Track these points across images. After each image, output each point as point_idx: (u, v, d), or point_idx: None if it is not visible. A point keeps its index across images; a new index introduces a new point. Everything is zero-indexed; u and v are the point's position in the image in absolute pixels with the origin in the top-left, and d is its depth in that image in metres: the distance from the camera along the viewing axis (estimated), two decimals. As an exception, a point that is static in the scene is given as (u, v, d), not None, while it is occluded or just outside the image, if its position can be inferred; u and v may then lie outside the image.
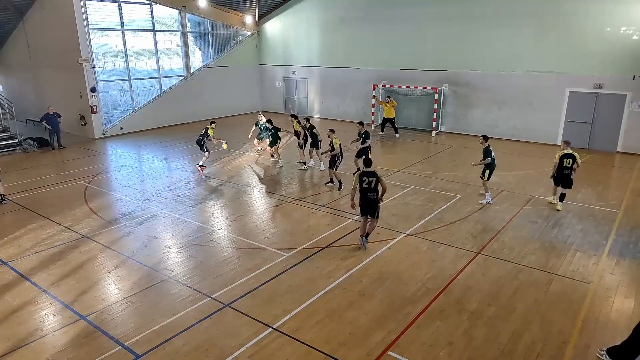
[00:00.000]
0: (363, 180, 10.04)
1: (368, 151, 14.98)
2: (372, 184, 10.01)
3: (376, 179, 10.01)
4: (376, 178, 10.00)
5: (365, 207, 10.21)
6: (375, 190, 10.06)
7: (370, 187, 10.03)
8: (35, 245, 10.85)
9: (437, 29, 22.82)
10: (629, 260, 9.91)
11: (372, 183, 10.01)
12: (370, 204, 10.14)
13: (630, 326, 6.80)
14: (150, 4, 24.31)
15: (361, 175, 10.10)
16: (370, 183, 10.01)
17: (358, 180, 10.08)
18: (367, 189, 10.05)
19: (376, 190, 10.07)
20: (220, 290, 8.72)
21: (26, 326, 7.73)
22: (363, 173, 10.11)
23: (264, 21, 29.88)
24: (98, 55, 23.54)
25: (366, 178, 10.03)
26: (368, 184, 10.02)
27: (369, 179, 10.02)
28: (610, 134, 19.30)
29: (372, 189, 10.04)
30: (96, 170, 17.17)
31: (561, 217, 12.29)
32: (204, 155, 16.58)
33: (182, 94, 26.43)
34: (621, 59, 18.55)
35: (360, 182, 10.06)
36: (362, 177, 10.06)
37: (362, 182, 10.05)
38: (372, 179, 10.00)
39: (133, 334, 7.42)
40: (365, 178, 10.03)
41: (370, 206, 10.16)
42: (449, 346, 7.08)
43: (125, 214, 12.80)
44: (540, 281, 9.01)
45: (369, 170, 10.11)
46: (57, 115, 20.53)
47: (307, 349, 7.04)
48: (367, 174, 10.06)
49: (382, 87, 24.85)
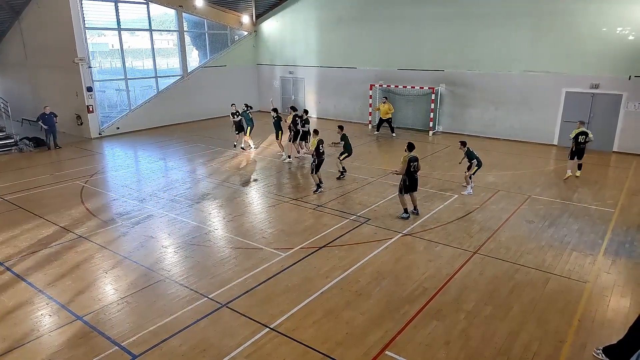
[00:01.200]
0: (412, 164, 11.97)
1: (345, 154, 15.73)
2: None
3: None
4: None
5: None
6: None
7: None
8: (31, 245, 10.81)
9: (434, 28, 22.85)
10: (625, 260, 9.94)
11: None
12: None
13: (626, 325, 6.82)
14: (146, 4, 24.27)
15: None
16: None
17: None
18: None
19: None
20: (217, 290, 8.71)
21: (22, 327, 7.71)
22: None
23: (261, 21, 29.85)
24: (94, 54, 23.49)
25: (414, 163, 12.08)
26: (413, 167, 12.03)
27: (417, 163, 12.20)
28: (607, 133, 19.35)
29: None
30: (92, 170, 17.13)
31: (557, 216, 12.32)
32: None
33: (179, 93, 26.39)
34: (617, 59, 18.61)
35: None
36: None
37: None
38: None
39: (130, 334, 7.41)
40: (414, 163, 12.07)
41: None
42: (446, 346, 7.09)
43: (122, 214, 12.78)
44: (537, 280, 9.03)
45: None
46: (54, 115, 20.46)
47: (304, 348, 7.04)
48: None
49: (379, 87, 24.87)
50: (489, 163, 17.58)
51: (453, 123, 23.42)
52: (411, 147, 12.15)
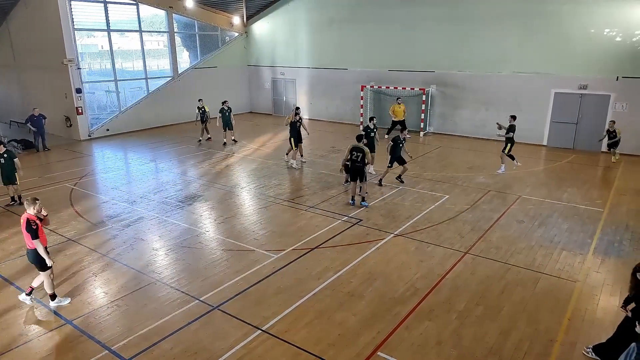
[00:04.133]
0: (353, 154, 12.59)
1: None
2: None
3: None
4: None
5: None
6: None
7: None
8: (19, 248, 10.70)
9: (425, 30, 22.91)
10: (614, 259, 10.02)
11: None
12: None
13: (615, 323, 6.87)
14: (136, 5, 24.13)
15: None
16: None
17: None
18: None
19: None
20: (208, 293, 8.67)
21: (10, 331, 7.64)
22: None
23: (251, 22, 29.80)
24: (84, 56, 23.33)
25: (355, 152, 12.55)
26: (356, 157, 12.56)
27: (357, 153, 12.55)
28: (595, 134, 19.48)
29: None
30: (82, 173, 17.01)
31: (547, 216, 12.40)
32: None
33: (170, 95, 26.27)
34: (605, 60, 18.77)
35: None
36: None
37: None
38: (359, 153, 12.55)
39: (120, 338, 7.35)
40: (355, 152, 12.55)
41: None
42: (437, 346, 7.11)
43: (112, 216, 12.70)
44: (527, 280, 9.08)
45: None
46: (42, 117, 20.30)
47: (296, 350, 7.03)
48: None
49: (370, 88, 24.90)
50: (479, 164, 17.69)
51: (444, 124, 23.52)
52: (358, 138, 13.09)
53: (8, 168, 13.14)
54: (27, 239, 7.96)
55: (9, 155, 13.18)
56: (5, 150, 13.24)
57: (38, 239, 7.92)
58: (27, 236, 7.90)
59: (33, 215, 7.99)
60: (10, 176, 13.23)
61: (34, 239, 7.86)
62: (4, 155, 13.10)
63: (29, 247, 8.07)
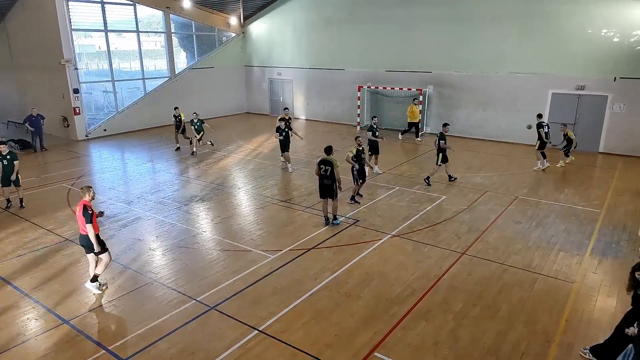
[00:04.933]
0: (321, 167, 11.44)
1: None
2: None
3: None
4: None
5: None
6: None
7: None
8: (17, 248, 10.69)
9: (422, 30, 22.92)
10: (611, 260, 10.04)
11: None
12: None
13: (612, 324, 6.88)
14: (133, 5, 24.12)
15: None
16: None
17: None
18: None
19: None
20: (205, 293, 8.66)
21: (8, 331, 7.62)
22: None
23: (248, 22, 29.79)
24: (81, 56, 23.27)
25: (323, 166, 11.45)
26: (324, 171, 11.42)
27: (325, 167, 11.42)
28: (593, 134, 19.54)
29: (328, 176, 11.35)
30: (79, 173, 16.98)
31: (544, 217, 12.41)
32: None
33: (167, 95, 26.21)
34: (602, 60, 18.81)
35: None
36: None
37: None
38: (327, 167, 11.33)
39: (117, 338, 7.35)
40: (323, 166, 11.45)
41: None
42: (434, 346, 7.11)
43: (109, 216, 12.66)
44: (525, 281, 9.09)
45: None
46: (41, 117, 20.27)
47: (293, 351, 7.03)
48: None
49: (367, 89, 24.91)
50: (476, 164, 17.71)
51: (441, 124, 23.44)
52: (326, 150, 11.80)
53: (10, 170, 13.05)
54: (82, 223, 8.43)
55: (11, 157, 13.12)
56: (9, 151, 13.16)
57: (91, 224, 8.36)
58: (82, 221, 8.36)
59: (88, 201, 8.49)
60: (10, 178, 13.12)
61: (87, 224, 8.31)
62: (7, 157, 13.03)
63: (84, 233, 8.49)
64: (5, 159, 13.00)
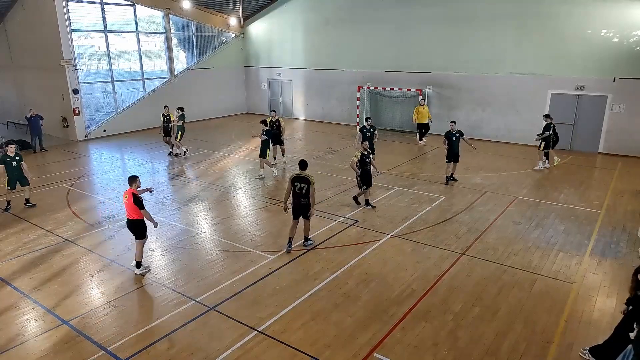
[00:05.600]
0: (295, 185, 10.07)
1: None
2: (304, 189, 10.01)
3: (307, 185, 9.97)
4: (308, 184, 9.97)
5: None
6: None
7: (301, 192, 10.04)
8: (16, 249, 10.69)
9: (421, 31, 22.94)
10: (611, 260, 10.04)
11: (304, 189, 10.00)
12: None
13: (612, 325, 6.88)
14: (133, 6, 24.12)
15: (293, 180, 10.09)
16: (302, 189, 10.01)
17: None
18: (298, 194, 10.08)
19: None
20: (204, 294, 8.66)
21: (7, 332, 7.61)
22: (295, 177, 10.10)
23: (248, 23, 29.80)
24: (81, 56, 23.29)
25: (298, 183, 10.05)
26: (300, 189, 10.05)
27: (301, 184, 10.02)
28: (592, 135, 19.57)
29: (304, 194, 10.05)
30: (79, 173, 16.98)
31: (544, 217, 12.42)
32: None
33: (166, 95, 26.12)
34: (602, 61, 18.82)
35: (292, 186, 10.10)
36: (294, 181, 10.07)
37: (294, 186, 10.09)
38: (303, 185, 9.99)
39: (116, 338, 7.34)
40: (297, 183, 10.05)
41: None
42: (434, 347, 7.11)
43: (109, 217, 12.67)
44: (524, 281, 9.09)
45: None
46: (40, 118, 20.27)
47: (292, 351, 7.03)
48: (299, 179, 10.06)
49: (366, 89, 24.91)
50: (475, 165, 17.72)
51: (440, 125, 23.42)
52: (301, 164, 10.29)
53: (19, 171, 13.06)
54: (131, 210, 9.18)
55: (20, 157, 13.13)
56: (16, 153, 13.13)
57: (145, 209, 9.20)
58: (133, 208, 9.11)
59: (135, 190, 9.25)
60: (20, 179, 13.13)
61: (141, 210, 9.15)
62: (16, 158, 13.02)
63: (132, 218, 9.27)
64: (14, 160, 13.00)
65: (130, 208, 9.18)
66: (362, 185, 12.91)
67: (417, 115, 21.68)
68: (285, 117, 29.25)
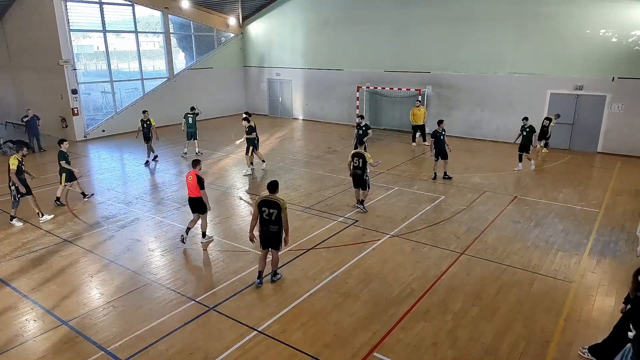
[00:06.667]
0: (263, 211, 8.55)
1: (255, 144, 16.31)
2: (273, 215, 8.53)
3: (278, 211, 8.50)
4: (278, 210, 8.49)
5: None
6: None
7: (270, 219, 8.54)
8: (15, 249, 10.68)
9: (420, 31, 22.95)
10: (610, 259, 10.05)
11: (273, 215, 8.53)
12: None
13: (611, 324, 6.89)
14: (132, 5, 24.10)
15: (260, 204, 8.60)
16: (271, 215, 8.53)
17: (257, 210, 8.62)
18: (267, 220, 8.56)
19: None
20: (204, 294, 8.66)
21: (6, 332, 7.60)
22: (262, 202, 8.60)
23: (247, 23, 29.80)
24: (79, 56, 23.29)
25: (266, 209, 8.53)
26: (268, 215, 8.53)
27: (270, 210, 8.52)
28: (591, 134, 19.59)
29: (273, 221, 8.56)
30: (78, 173, 16.80)
31: (543, 217, 12.42)
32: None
33: (166, 95, 26.23)
34: (601, 60, 18.83)
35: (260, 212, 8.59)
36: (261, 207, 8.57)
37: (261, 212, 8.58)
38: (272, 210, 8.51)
39: (116, 339, 7.34)
40: (266, 209, 8.54)
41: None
42: (433, 346, 7.11)
43: (108, 217, 12.67)
44: (523, 281, 9.09)
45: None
46: (37, 118, 20.26)
47: (292, 351, 7.03)
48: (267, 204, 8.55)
49: (366, 89, 24.92)
50: (475, 164, 17.72)
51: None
52: (270, 186, 8.76)
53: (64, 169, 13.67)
54: (194, 189, 10.37)
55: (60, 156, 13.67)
56: (59, 152, 13.74)
57: (205, 190, 10.41)
58: (196, 187, 10.30)
59: (198, 171, 10.47)
60: (68, 176, 13.78)
61: (202, 189, 10.30)
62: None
63: (194, 196, 10.46)
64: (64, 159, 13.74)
65: (193, 187, 10.33)
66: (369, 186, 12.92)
67: (413, 117, 21.62)
68: (284, 117, 29.38)
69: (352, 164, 12.65)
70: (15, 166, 12.07)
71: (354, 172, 12.66)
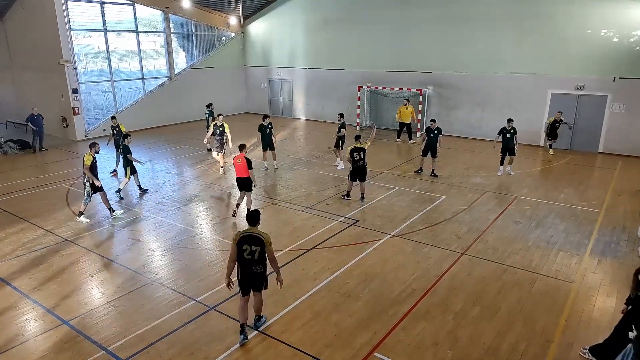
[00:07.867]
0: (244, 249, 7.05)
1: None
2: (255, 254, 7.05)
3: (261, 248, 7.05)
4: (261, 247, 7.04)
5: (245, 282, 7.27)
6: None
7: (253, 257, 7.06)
8: (16, 249, 10.68)
9: (421, 31, 22.94)
10: (611, 260, 10.04)
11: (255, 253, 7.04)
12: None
13: (612, 324, 6.88)
14: (133, 5, 24.11)
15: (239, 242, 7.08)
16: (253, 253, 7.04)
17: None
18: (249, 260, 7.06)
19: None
20: (205, 293, 8.66)
21: (7, 332, 7.60)
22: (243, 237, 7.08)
23: (248, 22, 29.79)
24: (80, 56, 23.27)
25: (247, 246, 7.02)
26: (250, 254, 7.04)
27: (252, 247, 7.02)
28: (592, 134, 19.57)
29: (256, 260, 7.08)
30: (78, 173, 16.92)
31: (544, 217, 12.41)
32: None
33: (166, 95, 26.23)
34: (602, 60, 18.81)
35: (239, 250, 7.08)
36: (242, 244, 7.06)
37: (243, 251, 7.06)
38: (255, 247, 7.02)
39: (116, 339, 7.33)
40: (247, 246, 7.02)
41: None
42: (434, 346, 7.10)
43: (109, 216, 12.66)
44: (524, 281, 9.08)
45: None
46: (41, 117, 20.27)
47: (292, 351, 7.02)
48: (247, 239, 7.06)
49: (367, 89, 24.91)
50: (476, 164, 17.71)
51: (440, 124, 23.33)
52: (250, 218, 7.26)
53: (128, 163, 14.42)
54: (242, 170, 11.96)
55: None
56: (123, 146, 14.51)
57: (252, 169, 11.96)
58: (245, 168, 11.88)
59: (244, 154, 12.05)
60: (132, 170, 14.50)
61: (250, 169, 11.89)
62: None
63: (243, 176, 12.07)
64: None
65: (242, 168, 11.88)
66: (350, 178, 13.59)
67: (399, 115, 21.91)
68: (285, 116, 29.36)
69: (352, 159, 13.17)
70: (90, 162, 12.24)
71: (357, 166, 13.21)
